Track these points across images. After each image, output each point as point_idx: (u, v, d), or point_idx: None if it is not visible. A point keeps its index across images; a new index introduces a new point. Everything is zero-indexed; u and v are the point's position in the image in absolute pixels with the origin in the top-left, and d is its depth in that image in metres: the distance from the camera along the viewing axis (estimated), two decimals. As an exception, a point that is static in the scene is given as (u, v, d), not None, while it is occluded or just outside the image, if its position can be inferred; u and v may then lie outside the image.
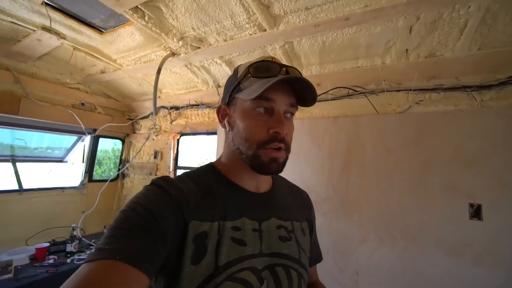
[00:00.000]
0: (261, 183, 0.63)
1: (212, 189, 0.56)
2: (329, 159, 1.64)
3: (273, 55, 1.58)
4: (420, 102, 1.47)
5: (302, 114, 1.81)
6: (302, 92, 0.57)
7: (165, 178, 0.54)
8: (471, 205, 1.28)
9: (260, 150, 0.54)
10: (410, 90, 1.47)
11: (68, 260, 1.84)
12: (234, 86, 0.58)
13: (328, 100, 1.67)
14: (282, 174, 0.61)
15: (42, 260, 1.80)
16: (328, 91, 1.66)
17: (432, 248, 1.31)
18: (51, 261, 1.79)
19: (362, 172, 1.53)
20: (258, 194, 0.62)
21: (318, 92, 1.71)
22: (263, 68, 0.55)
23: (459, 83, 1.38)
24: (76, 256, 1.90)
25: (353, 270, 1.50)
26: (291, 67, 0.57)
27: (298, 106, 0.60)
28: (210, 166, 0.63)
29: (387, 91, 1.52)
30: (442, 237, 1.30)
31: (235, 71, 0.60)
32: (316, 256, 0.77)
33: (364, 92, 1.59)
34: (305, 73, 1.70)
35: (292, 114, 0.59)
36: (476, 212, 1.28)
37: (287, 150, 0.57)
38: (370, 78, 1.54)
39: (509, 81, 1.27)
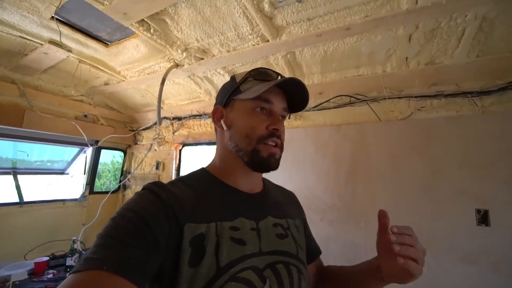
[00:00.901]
0: (254, 184, 0.65)
1: (206, 191, 0.57)
2: (334, 167, 1.63)
3: (275, 65, 1.61)
4: (421, 109, 1.49)
5: (305, 123, 1.82)
6: (295, 99, 0.65)
7: (157, 183, 0.54)
8: (478, 211, 1.27)
9: (260, 145, 0.58)
10: (412, 97, 1.49)
11: (68, 275, 1.79)
12: (233, 89, 0.63)
13: (330, 108, 1.69)
14: (289, 181, 0.64)
15: (41, 274, 1.75)
16: (330, 99, 1.68)
17: (445, 255, 1.28)
18: (50, 275, 1.75)
19: (368, 179, 1.52)
20: (252, 194, 0.63)
21: (320, 100, 1.74)
22: (264, 73, 0.63)
23: (460, 89, 1.40)
24: (76, 270, 1.85)
25: (362, 280, 1.46)
26: (283, 76, 0.64)
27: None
28: (202, 170, 0.65)
29: (388, 98, 1.54)
30: (454, 243, 1.28)
31: (233, 78, 0.65)
32: (316, 250, 0.79)
33: (366, 100, 1.60)
34: (307, 82, 1.73)
35: (284, 117, 0.64)
36: (483, 218, 1.26)
37: (282, 148, 0.62)
38: (371, 86, 1.57)
39: (509, 86, 1.29)
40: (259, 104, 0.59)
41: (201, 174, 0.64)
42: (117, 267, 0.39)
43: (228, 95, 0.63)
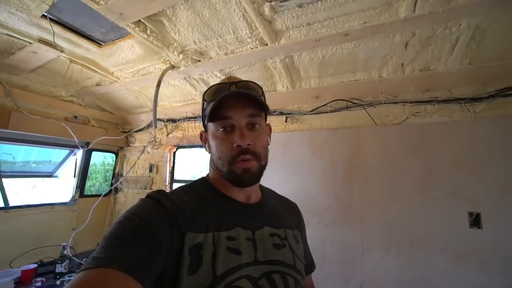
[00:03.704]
0: (251, 195, 0.66)
1: (205, 201, 0.59)
2: (331, 170, 1.65)
3: (273, 68, 1.61)
4: (416, 114, 1.52)
5: (302, 126, 1.83)
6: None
7: (160, 192, 0.56)
8: (470, 214, 1.31)
9: (232, 165, 0.58)
10: (407, 102, 1.52)
11: (58, 282, 1.73)
12: (202, 113, 0.66)
13: (327, 112, 1.71)
14: (285, 184, 0.64)
15: (29, 283, 1.68)
16: (327, 103, 1.70)
17: (438, 256, 1.31)
18: (39, 283, 1.68)
19: (365, 181, 1.55)
20: (250, 205, 0.64)
21: (317, 104, 1.75)
22: (214, 91, 0.62)
23: (452, 96, 1.44)
24: (66, 277, 1.79)
25: (358, 281, 1.47)
26: (241, 81, 0.62)
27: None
28: (203, 180, 0.67)
29: (384, 103, 1.57)
30: (447, 244, 1.31)
31: (202, 98, 0.66)
32: (309, 264, 0.78)
33: (362, 104, 1.63)
34: (304, 86, 1.74)
35: (258, 124, 0.61)
36: (475, 221, 1.30)
37: (258, 159, 0.60)
38: (367, 90, 1.59)
39: (498, 94, 1.34)
40: (218, 124, 0.59)
41: (200, 184, 0.65)
42: (126, 266, 0.39)
43: (203, 119, 0.66)
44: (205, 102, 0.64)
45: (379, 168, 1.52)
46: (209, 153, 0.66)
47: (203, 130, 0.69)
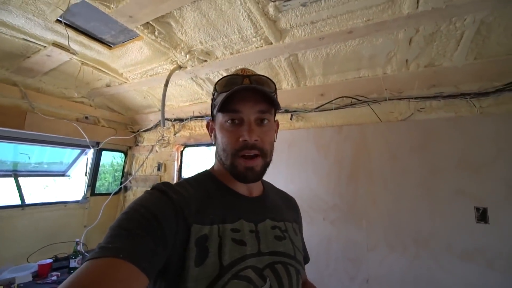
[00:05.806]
0: (253, 188, 0.68)
1: (210, 194, 0.60)
2: (336, 167, 1.66)
3: (278, 67, 1.64)
4: (421, 110, 1.52)
5: (307, 124, 1.85)
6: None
7: (166, 184, 0.57)
8: (477, 209, 1.31)
9: (235, 159, 0.58)
10: (412, 98, 1.52)
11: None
12: (211, 102, 0.66)
13: (332, 109, 1.72)
14: (291, 182, 0.65)
15: (45, 277, 1.75)
16: (331, 100, 1.71)
17: (444, 254, 1.31)
18: (54, 277, 1.75)
19: (370, 179, 1.55)
20: (252, 198, 0.66)
21: (322, 101, 1.76)
22: (226, 82, 0.62)
23: (458, 91, 1.44)
24: (79, 272, 1.85)
25: (363, 277, 1.49)
26: (255, 75, 0.62)
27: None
28: (207, 173, 0.68)
29: (389, 99, 1.58)
30: (453, 242, 1.31)
31: (214, 87, 0.65)
32: (304, 256, 0.79)
33: (366, 101, 1.64)
34: (309, 84, 1.76)
35: (267, 120, 0.61)
36: (482, 216, 1.30)
37: (264, 156, 0.60)
38: (372, 87, 1.60)
39: (506, 88, 1.33)
40: (227, 116, 0.59)
41: (205, 176, 0.66)
42: (133, 256, 0.41)
43: (211, 108, 0.67)
44: (216, 92, 0.64)
45: (384, 166, 1.53)
46: (214, 144, 0.66)
47: (211, 119, 0.69)
